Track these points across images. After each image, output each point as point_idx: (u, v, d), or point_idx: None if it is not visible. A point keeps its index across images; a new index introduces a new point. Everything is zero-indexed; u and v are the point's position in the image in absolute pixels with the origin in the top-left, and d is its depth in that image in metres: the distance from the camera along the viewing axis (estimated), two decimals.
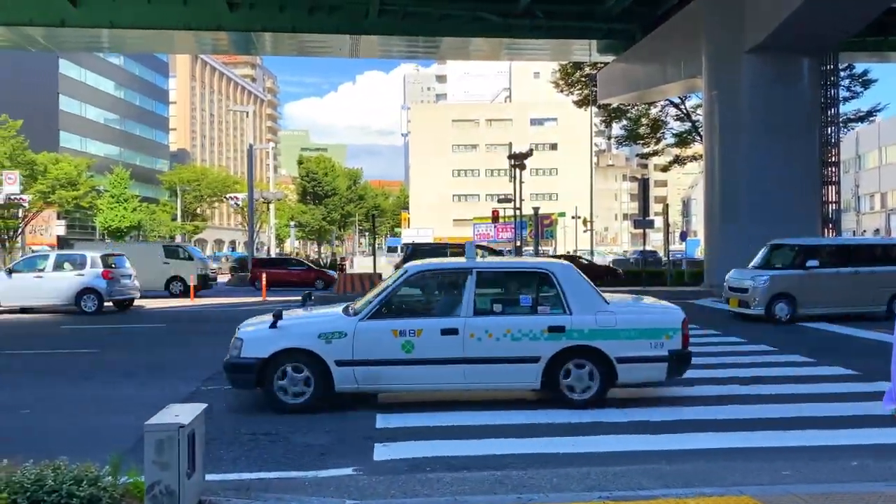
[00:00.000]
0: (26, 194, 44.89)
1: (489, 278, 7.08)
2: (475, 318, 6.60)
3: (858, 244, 16.36)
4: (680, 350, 6.65)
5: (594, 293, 6.77)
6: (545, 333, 6.53)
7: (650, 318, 6.80)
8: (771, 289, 13.75)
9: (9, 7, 22.09)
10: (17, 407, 7.03)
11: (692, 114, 33.66)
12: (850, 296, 13.79)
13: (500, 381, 6.68)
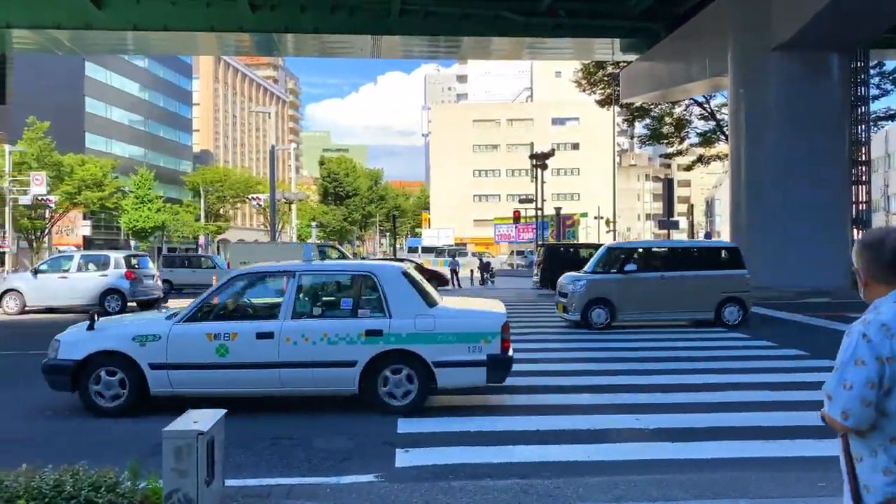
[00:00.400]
0: (53, 195, 45.59)
1: (312, 282, 7.06)
2: (293, 321, 6.51)
3: (687, 247, 15.56)
4: (498, 354, 6.48)
5: (417, 297, 6.63)
6: (362, 337, 6.43)
7: (469, 322, 6.63)
8: (587, 294, 13.08)
9: (35, 10, 22.39)
10: (42, 409, 7.05)
11: (717, 113, 33.22)
12: (675, 301, 12.98)
13: (317, 385, 6.59)
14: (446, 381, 6.53)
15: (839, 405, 1.93)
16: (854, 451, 1.97)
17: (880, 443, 1.92)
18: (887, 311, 1.96)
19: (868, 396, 1.89)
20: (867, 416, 1.90)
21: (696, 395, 7.31)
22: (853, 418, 1.91)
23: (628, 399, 7.13)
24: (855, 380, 1.91)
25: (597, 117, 67.18)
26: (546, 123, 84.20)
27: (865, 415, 1.90)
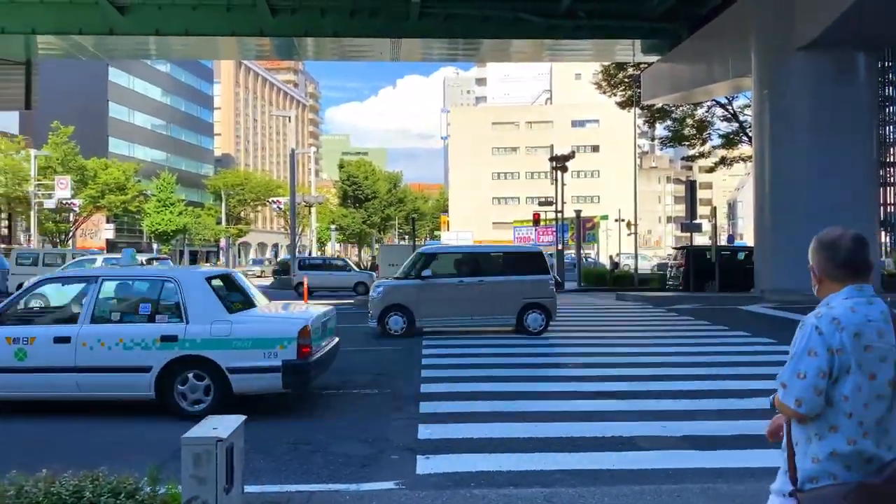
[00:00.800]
0: (77, 199, 46.20)
1: (116, 287, 7.12)
2: (91, 326, 6.54)
3: (487, 252, 15.05)
4: (294, 360, 6.47)
5: (217, 303, 6.65)
6: (157, 343, 6.42)
7: (265, 328, 6.66)
8: (384, 300, 12.73)
9: (60, 16, 22.67)
10: (61, 411, 7.06)
11: (739, 114, 32.80)
12: (475, 307, 12.63)
13: (114, 391, 6.60)
14: (241, 387, 6.55)
15: (793, 393, 2.07)
16: (794, 436, 2.12)
17: (816, 431, 2.06)
18: (839, 306, 2.11)
19: (820, 385, 2.04)
20: (818, 403, 2.04)
21: (724, 402, 7.15)
22: (806, 405, 2.05)
23: (654, 406, 7.00)
24: (808, 369, 2.05)
25: (617, 119, 66.71)
26: (566, 126, 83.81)
27: (817, 402, 2.04)
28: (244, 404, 6.55)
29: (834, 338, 2.05)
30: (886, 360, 2.06)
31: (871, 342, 2.05)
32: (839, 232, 2.20)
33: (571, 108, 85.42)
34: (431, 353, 10.65)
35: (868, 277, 2.17)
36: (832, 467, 2.03)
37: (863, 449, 2.02)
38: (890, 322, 2.10)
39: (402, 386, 8.20)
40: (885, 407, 2.05)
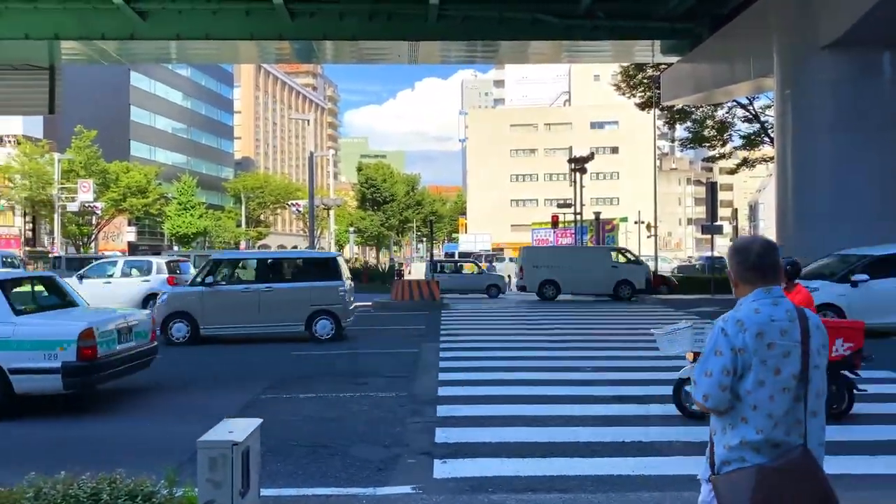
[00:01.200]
0: (99, 202, 46.79)
1: None
2: None
3: (277, 258, 14.74)
4: (74, 362, 6.57)
5: (5, 305, 6.78)
6: None
7: (46, 331, 6.80)
8: (167, 307, 12.37)
9: (82, 22, 22.94)
10: (84, 413, 7.13)
11: (761, 114, 32.42)
12: (262, 314, 12.30)
13: None
14: (23, 388, 6.69)
15: (701, 390, 2.28)
16: (712, 426, 2.33)
17: (730, 422, 2.24)
18: (745, 308, 2.31)
19: (724, 382, 2.23)
20: (724, 399, 2.24)
21: None
22: (712, 400, 2.25)
23: (675, 410, 6.88)
24: (714, 368, 2.25)
25: (636, 120, 66.29)
26: (584, 127, 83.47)
27: (722, 398, 2.24)
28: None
29: (737, 338, 2.23)
30: (790, 355, 2.23)
31: (773, 340, 2.22)
32: (751, 239, 2.44)
33: (590, 110, 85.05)
34: (449, 357, 10.61)
35: (776, 280, 2.35)
36: (742, 453, 2.21)
37: (771, 437, 2.19)
38: (795, 320, 2.26)
39: (419, 389, 8.16)
40: (791, 398, 2.21)
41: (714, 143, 35.19)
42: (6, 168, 48.62)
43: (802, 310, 2.33)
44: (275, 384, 8.62)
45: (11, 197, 49.96)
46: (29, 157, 48.17)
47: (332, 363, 10.39)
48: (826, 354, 2.31)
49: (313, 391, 8.13)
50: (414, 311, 19.45)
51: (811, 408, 2.24)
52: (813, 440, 2.23)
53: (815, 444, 2.24)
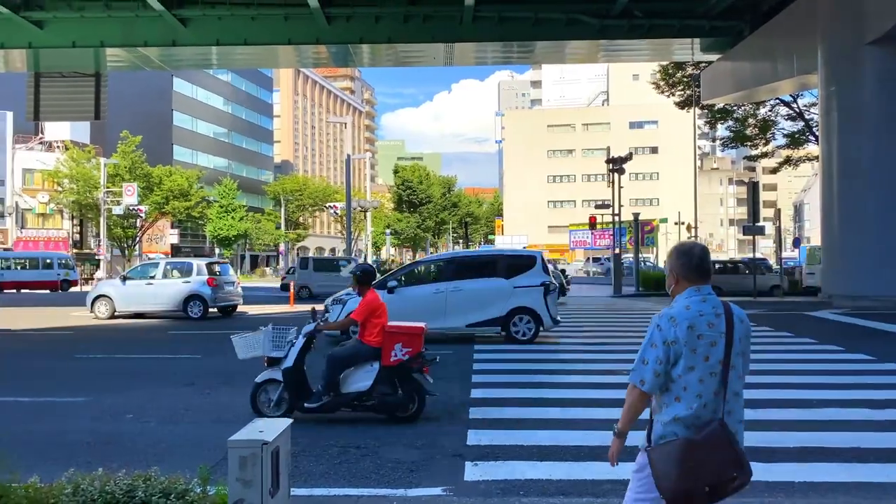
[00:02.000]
0: (143, 205, 47.91)
1: None
2: None
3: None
4: None
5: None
6: None
7: None
8: None
9: (125, 29, 23.54)
10: (124, 412, 7.28)
11: (805, 112, 31.63)
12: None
13: None
14: None
15: (638, 375, 2.68)
16: (652, 405, 2.71)
17: (665, 402, 2.64)
18: (677, 306, 2.69)
19: (658, 369, 2.63)
20: (657, 383, 2.64)
21: (786, 412, 6.85)
22: (647, 385, 2.65)
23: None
24: (649, 357, 2.65)
25: (676, 120, 65.35)
26: (623, 127, 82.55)
27: (655, 382, 2.64)
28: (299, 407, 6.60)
29: (669, 332, 2.62)
30: (716, 344, 2.61)
31: (702, 332, 2.61)
32: (692, 244, 2.83)
33: (629, 110, 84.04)
34: (483, 359, 10.57)
35: (708, 280, 2.72)
36: (674, 428, 2.59)
37: (699, 414, 2.57)
38: (721, 315, 2.64)
39: (452, 391, 8.14)
40: (718, 381, 2.59)
41: (756, 141, 34.44)
42: (55, 173, 50.16)
43: (729, 305, 2.70)
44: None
45: (60, 201, 51.54)
46: (76, 161, 49.63)
47: None
48: (746, 342, 2.71)
49: None
50: None
51: (733, 389, 2.63)
52: (734, 417, 2.62)
53: (735, 420, 2.63)
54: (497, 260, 13.48)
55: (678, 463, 2.52)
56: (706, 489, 2.50)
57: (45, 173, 51.74)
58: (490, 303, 12.45)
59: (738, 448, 2.56)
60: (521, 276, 12.62)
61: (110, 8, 22.86)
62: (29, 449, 5.54)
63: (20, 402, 7.68)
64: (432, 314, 11.80)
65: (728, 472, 2.52)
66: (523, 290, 12.41)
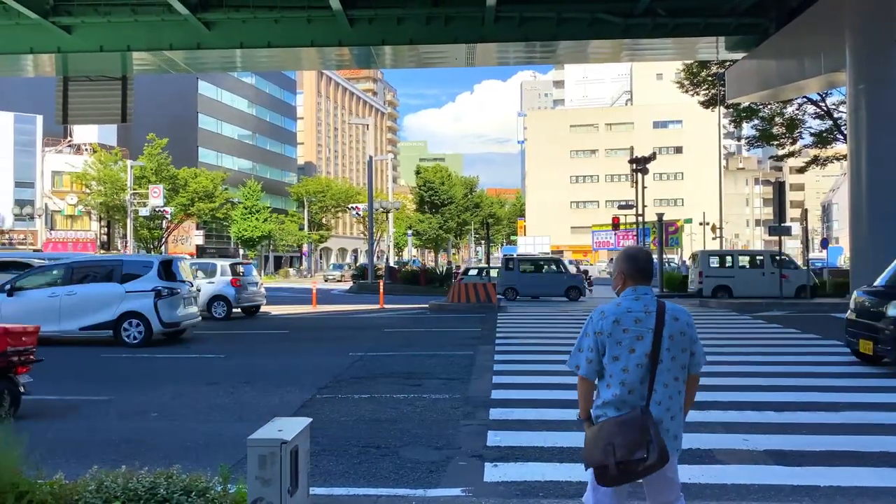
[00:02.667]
0: (169, 206, 48.51)
1: None
2: None
3: None
4: None
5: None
6: None
7: None
8: None
9: (151, 33, 23.86)
10: (148, 410, 7.37)
11: (833, 111, 31.11)
12: None
13: None
14: None
15: (574, 362, 3.02)
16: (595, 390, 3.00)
17: (600, 387, 2.96)
18: (612, 302, 2.98)
19: (590, 356, 2.95)
20: (590, 369, 2.95)
21: (813, 415, 6.73)
22: (581, 370, 2.98)
23: (736, 417, 6.66)
24: (583, 346, 2.99)
25: (701, 119, 64.69)
26: (647, 127, 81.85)
27: (588, 368, 2.96)
28: (320, 406, 6.64)
29: (598, 324, 2.93)
30: (643, 338, 2.86)
31: (628, 326, 2.88)
32: (637, 248, 3.10)
33: (653, 109, 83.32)
34: (504, 360, 10.54)
35: (648, 282, 3.00)
36: (605, 410, 2.90)
37: (624, 399, 2.85)
38: (652, 313, 2.89)
39: (473, 391, 8.14)
40: (644, 371, 2.85)
41: (783, 140, 33.93)
42: (83, 175, 51.01)
43: (665, 305, 2.93)
44: (331, 383, 8.75)
45: (88, 202, 52.41)
46: (104, 164, 50.41)
47: (388, 365, 10.46)
48: (684, 339, 2.91)
49: (368, 392, 8.21)
50: (470, 313, 19.45)
51: (662, 381, 2.86)
52: (663, 406, 2.87)
53: (663, 409, 2.87)
54: (114, 266, 13.68)
55: (597, 440, 2.84)
56: (618, 465, 2.77)
57: (74, 175, 52.66)
58: (102, 307, 12.78)
59: (653, 433, 2.77)
60: (135, 282, 12.98)
61: (136, 12, 23.18)
62: (54, 446, 5.62)
63: (46, 401, 7.81)
64: (48, 318, 12.14)
65: (636, 454, 2.75)
66: (135, 295, 12.80)
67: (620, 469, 2.78)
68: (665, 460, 2.80)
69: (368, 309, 21.84)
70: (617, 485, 2.88)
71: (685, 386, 2.97)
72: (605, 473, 2.82)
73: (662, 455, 2.78)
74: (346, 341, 13.27)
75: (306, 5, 23.36)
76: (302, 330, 16.04)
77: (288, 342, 13.83)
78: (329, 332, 15.53)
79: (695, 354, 2.97)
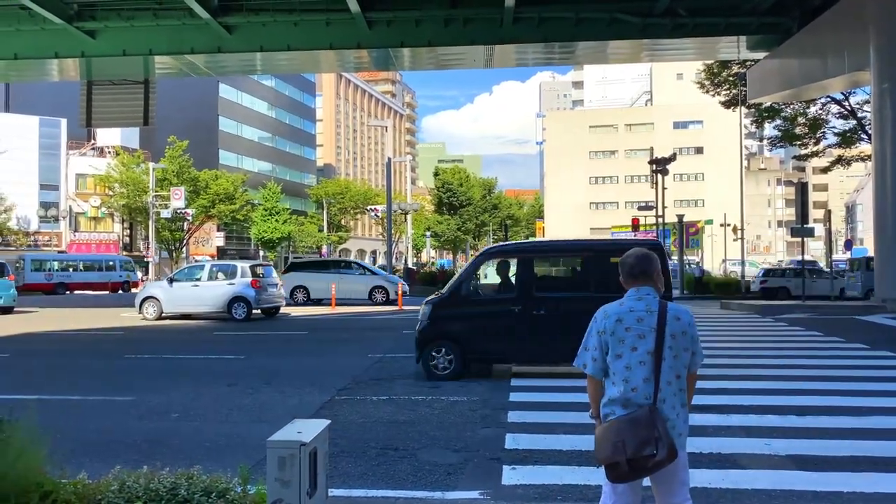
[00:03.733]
0: (190, 208, 48.99)
1: None
2: None
3: None
4: None
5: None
6: None
7: None
8: None
9: (173, 37, 24.13)
10: (169, 411, 7.45)
11: (858, 110, 30.67)
12: None
13: None
14: None
15: (581, 360, 3.11)
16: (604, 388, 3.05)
17: (607, 385, 3.02)
18: (615, 303, 3.07)
19: (595, 355, 3.04)
20: (597, 368, 3.04)
21: (837, 420, 6.64)
22: (589, 368, 3.07)
23: (757, 422, 6.59)
24: (589, 345, 3.07)
25: (722, 120, 64.06)
26: (667, 127, 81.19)
27: (595, 367, 3.05)
28: (339, 409, 6.66)
29: (602, 324, 3.02)
30: (645, 337, 2.94)
31: (630, 325, 2.96)
32: (631, 252, 3.13)
33: (673, 110, 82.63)
34: None
35: (646, 281, 3.05)
36: (612, 408, 2.96)
37: (629, 397, 2.91)
38: (654, 312, 2.96)
39: (491, 394, 8.13)
40: (648, 369, 2.91)
41: (806, 141, 33.51)
42: (106, 177, 51.70)
43: (666, 305, 3.00)
44: (350, 385, 8.78)
45: (111, 204, 53.10)
46: (126, 166, 51.06)
47: (403, 366, 10.47)
48: (685, 339, 2.97)
49: (387, 394, 8.23)
50: None
51: (666, 378, 2.92)
52: (668, 404, 2.91)
53: (669, 407, 2.91)
54: None
55: (607, 437, 2.90)
56: (629, 462, 2.83)
57: (97, 178, 53.40)
58: None
59: (661, 430, 2.83)
60: None
61: (158, 17, 23.45)
62: (77, 446, 5.70)
63: (69, 401, 7.92)
64: None
65: (645, 450, 2.82)
66: None
67: (631, 466, 2.84)
68: (674, 456, 2.85)
69: (387, 310, 21.89)
70: (627, 481, 2.94)
71: (686, 384, 3.03)
72: (617, 470, 2.88)
73: (671, 451, 2.83)
74: (365, 343, 13.32)
75: (325, 8, 23.48)
76: (321, 331, 16.12)
77: (307, 343, 13.91)
78: (348, 333, 15.59)
79: (695, 354, 3.04)
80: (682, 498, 3.04)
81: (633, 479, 2.93)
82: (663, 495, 3.05)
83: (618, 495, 3.03)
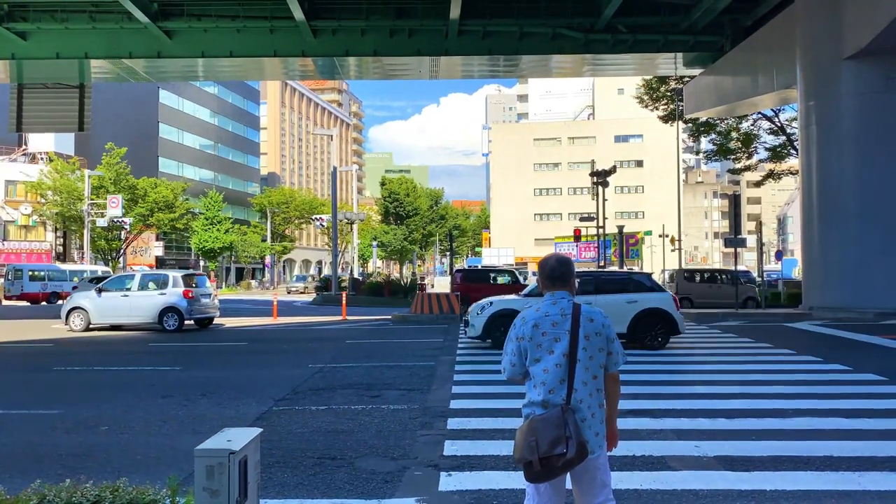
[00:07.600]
0: (127, 217, 47.56)
1: None
2: None
3: None
4: None
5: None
6: None
7: None
8: None
9: (110, 41, 23.52)
10: (99, 424, 7.20)
11: (787, 126, 32.03)
12: None
13: None
14: None
15: (502, 365, 3.22)
16: None
17: (527, 388, 3.13)
18: (531, 308, 3.15)
19: (514, 360, 3.14)
20: (516, 372, 3.15)
21: (763, 422, 6.88)
22: (507, 372, 3.19)
23: (688, 424, 6.78)
24: (508, 350, 3.17)
25: (661, 134, 65.91)
26: (608, 141, 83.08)
27: (513, 371, 3.16)
28: (271, 418, 6.55)
29: (520, 330, 3.11)
30: (560, 340, 3.03)
31: (546, 329, 3.05)
32: (547, 256, 3.27)
33: (614, 123, 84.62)
34: (464, 370, 10.57)
35: (562, 286, 3.15)
36: (532, 409, 3.06)
37: (547, 399, 3.01)
38: (568, 316, 3.05)
39: (432, 402, 8.14)
40: (564, 372, 3.01)
41: (739, 155, 34.78)
42: (38, 184, 49.76)
43: (580, 307, 3.10)
44: (288, 395, 8.66)
45: (43, 213, 51.10)
46: (60, 173, 49.25)
47: (345, 376, 10.40)
48: (599, 339, 3.05)
49: (326, 404, 8.15)
50: (433, 324, 19.45)
51: (581, 379, 3.01)
52: (585, 404, 3.00)
53: (585, 407, 3.00)
54: None
55: (523, 437, 2.99)
56: (541, 461, 2.90)
57: (29, 185, 51.32)
58: None
59: (572, 429, 2.90)
60: None
61: (95, 20, 22.84)
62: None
63: None
64: None
65: (556, 449, 2.89)
66: None
67: (542, 464, 2.90)
68: (584, 455, 2.90)
69: (331, 321, 21.66)
70: (542, 481, 2.98)
71: (605, 384, 3.11)
72: (531, 469, 2.94)
73: (581, 450, 2.89)
74: (307, 353, 13.16)
75: (269, 15, 23.29)
76: (261, 342, 15.84)
77: (247, 354, 13.65)
78: (289, 344, 15.36)
79: (612, 354, 3.11)
80: (605, 498, 3.08)
81: (546, 479, 2.97)
82: (584, 495, 3.09)
83: (540, 496, 3.07)
